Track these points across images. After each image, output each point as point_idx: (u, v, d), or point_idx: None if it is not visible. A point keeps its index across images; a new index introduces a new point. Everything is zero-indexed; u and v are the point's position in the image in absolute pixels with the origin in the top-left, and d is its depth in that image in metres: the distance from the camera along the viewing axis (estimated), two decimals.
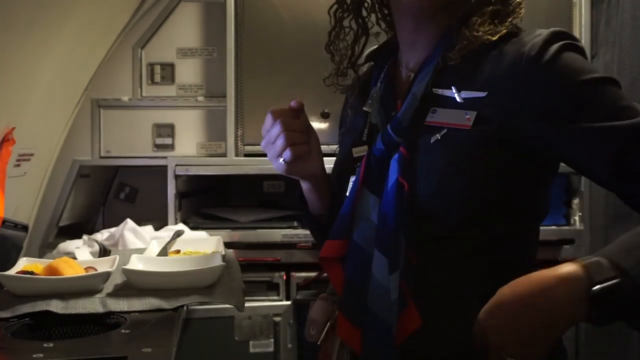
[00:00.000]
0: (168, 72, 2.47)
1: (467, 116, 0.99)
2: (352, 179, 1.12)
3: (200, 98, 2.46)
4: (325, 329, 1.10)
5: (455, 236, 1.01)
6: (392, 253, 1.00)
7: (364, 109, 1.16)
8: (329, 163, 1.19)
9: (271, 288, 2.34)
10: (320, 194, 1.20)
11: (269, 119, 1.11)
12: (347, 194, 1.11)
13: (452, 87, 1.02)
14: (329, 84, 1.23)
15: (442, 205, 1.00)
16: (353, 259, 1.07)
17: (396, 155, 1.03)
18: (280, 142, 1.09)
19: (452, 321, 1.00)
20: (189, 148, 2.46)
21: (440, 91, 1.04)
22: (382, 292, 1.01)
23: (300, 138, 1.11)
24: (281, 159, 1.11)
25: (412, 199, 1.00)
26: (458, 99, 1.01)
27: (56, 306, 1.31)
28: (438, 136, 1.01)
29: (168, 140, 2.45)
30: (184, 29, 2.47)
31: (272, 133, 1.10)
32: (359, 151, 1.13)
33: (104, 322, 1.31)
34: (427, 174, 1.00)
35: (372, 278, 1.02)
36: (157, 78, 2.46)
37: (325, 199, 1.20)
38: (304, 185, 1.21)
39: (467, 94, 1.01)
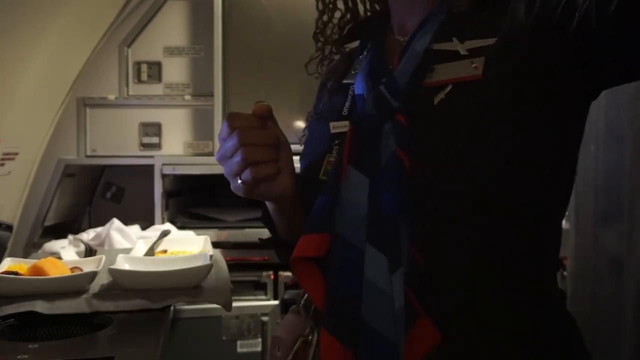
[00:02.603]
0: (155, 70, 2.46)
1: (475, 64, 0.83)
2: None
3: (187, 97, 2.45)
4: (294, 349, 0.90)
5: (472, 222, 0.82)
6: (391, 248, 0.80)
7: (345, 81, 0.99)
8: None
9: (259, 287, 2.33)
10: (291, 215, 0.98)
11: (224, 126, 0.87)
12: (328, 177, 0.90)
13: (453, 39, 0.86)
14: (312, 72, 1.09)
15: (455, 179, 0.81)
16: (337, 258, 0.84)
17: (389, 125, 0.85)
18: (237, 159, 0.85)
19: (473, 340, 0.82)
20: (176, 147, 2.45)
21: (439, 46, 0.87)
22: (381, 299, 0.80)
23: (264, 155, 0.86)
24: (239, 180, 0.88)
25: (414, 177, 0.81)
26: (461, 51, 0.85)
27: (41, 307, 1.30)
28: (442, 95, 0.83)
29: (155, 140, 2.44)
30: (171, 28, 2.46)
31: (227, 146, 0.86)
32: (339, 127, 0.93)
33: (90, 322, 1.30)
34: (433, 142, 0.82)
35: (366, 282, 0.81)
36: (144, 77, 2.45)
37: (296, 220, 0.97)
38: (270, 206, 1.01)
39: (472, 43, 0.85)
